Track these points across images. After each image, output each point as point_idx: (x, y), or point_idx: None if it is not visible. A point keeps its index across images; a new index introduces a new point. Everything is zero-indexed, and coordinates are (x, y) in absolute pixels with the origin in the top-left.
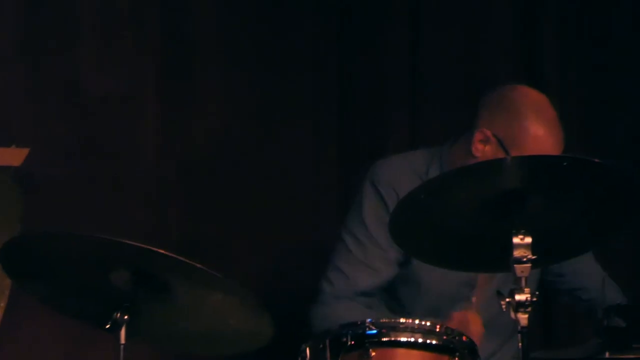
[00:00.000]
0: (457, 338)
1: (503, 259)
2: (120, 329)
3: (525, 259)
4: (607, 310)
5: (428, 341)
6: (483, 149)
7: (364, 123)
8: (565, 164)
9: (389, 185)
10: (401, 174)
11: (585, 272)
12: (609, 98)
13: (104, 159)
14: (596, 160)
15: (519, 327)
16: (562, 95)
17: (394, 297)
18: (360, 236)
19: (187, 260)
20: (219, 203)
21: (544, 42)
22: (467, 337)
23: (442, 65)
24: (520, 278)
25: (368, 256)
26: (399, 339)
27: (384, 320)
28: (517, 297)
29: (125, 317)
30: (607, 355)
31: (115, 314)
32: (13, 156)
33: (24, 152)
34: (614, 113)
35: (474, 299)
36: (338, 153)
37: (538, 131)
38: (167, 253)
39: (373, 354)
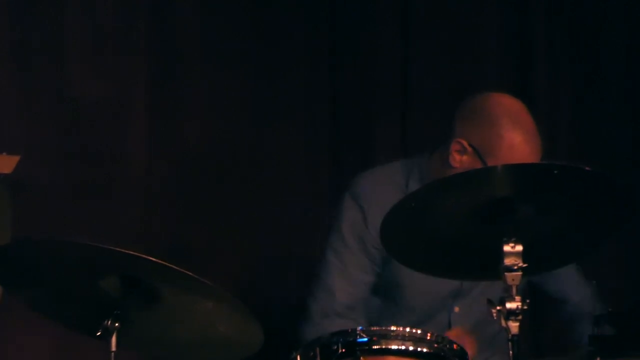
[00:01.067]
0: (447, 346)
1: (494, 267)
2: (111, 337)
3: (516, 267)
4: (597, 317)
5: (419, 349)
6: (460, 159)
7: (355, 129)
8: (555, 172)
9: (367, 198)
10: (380, 186)
11: (568, 280)
12: (598, 108)
13: (94, 166)
14: (586, 168)
15: (510, 336)
16: (552, 103)
17: (375, 310)
18: (339, 248)
19: (177, 268)
20: (210, 208)
21: (534, 51)
22: (458, 345)
23: (432, 72)
24: (510, 286)
25: (347, 270)
26: (389, 346)
27: (375, 328)
28: (508, 305)
29: (116, 324)
30: None
31: (105, 321)
32: (4, 163)
33: (15, 159)
34: (604, 123)
35: (456, 309)
36: (330, 157)
37: (514, 139)
38: (156, 260)
39: None
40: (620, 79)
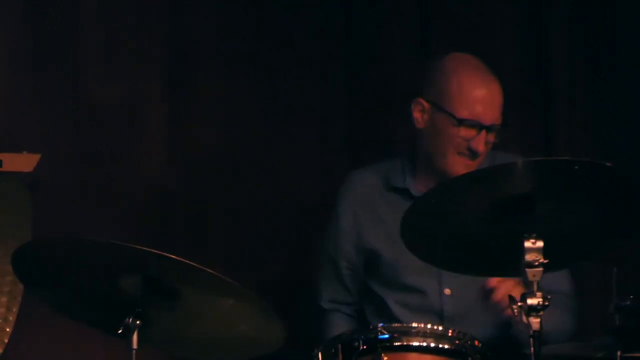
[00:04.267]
0: (469, 343)
1: (515, 263)
2: (132, 335)
3: (537, 263)
4: (618, 308)
5: (440, 346)
6: (422, 118)
7: (372, 126)
8: (576, 167)
9: (352, 198)
10: (362, 186)
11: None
12: (616, 103)
13: (112, 165)
14: (608, 164)
15: (531, 332)
16: (569, 98)
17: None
18: (327, 247)
19: (198, 265)
20: (227, 209)
21: (551, 46)
22: (479, 341)
23: None
24: (531, 282)
25: (336, 269)
26: (411, 343)
27: (396, 324)
28: (529, 301)
29: (137, 322)
30: (618, 354)
31: (126, 319)
32: (24, 162)
33: (35, 157)
34: (622, 119)
35: (447, 291)
36: (347, 156)
37: (462, 77)
38: (177, 258)
39: (385, 358)
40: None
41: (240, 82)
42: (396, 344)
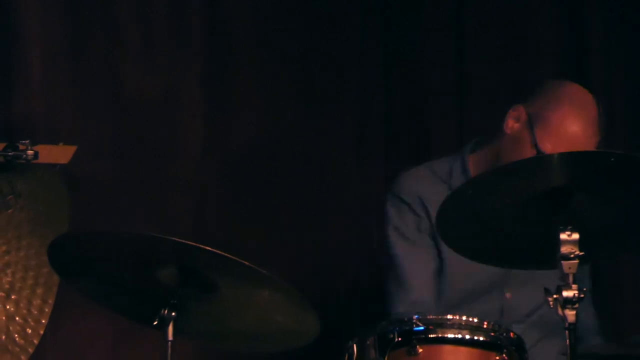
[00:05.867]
0: (504, 335)
1: (550, 256)
2: (167, 326)
3: (572, 255)
4: None
5: (475, 338)
6: (512, 126)
7: (409, 123)
8: (612, 159)
9: (412, 193)
10: (424, 181)
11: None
12: None
13: (149, 157)
14: None
15: (566, 324)
16: (607, 94)
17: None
18: (400, 244)
19: (234, 257)
20: (263, 202)
21: (590, 41)
22: (515, 333)
23: (487, 65)
24: (567, 274)
25: (403, 277)
26: (446, 335)
27: (431, 316)
28: (565, 293)
29: (173, 313)
30: None
31: (162, 310)
32: (61, 154)
33: (72, 149)
34: None
35: (508, 295)
36: (384, 151)
37: (567, 115)
38: (213, 250)
39: (420, 350)
40: None
41: (278, 73)
42: (431, 336)
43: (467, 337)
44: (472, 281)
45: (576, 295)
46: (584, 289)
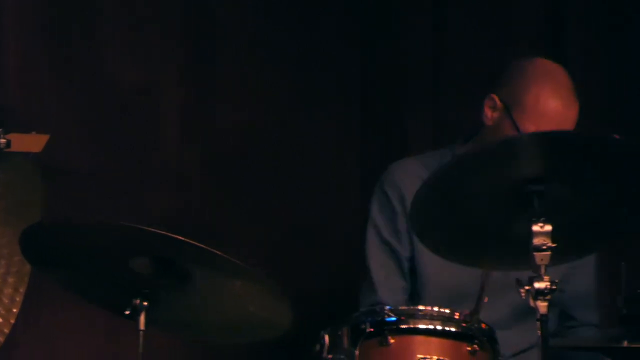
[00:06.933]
0: (475, 325)
1: (523, 255)
2: (139, 316)
3: (545, 247)
4: (626, 298)
5: (447, 328)
6: (492, 116)
7: (386, 116)
8: (583, 142)
9: (394, 185)
10: (409, 173)
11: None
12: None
13: (127, 147)
14: (616, 136)
15: (538, 315)
16: (586, 79)
17: None
18: (376, 241)
19: (207, 248)
20: (242, 191)
21: (570, 27)
22: (486, 324)
23: (463, 59)
24: (539, 266)
25: (387, 264)
26: (417, 326)
27: (403, 307)
28: (537, 285)
29: (145, 303)
30: (625, 344)
31: (134, 300)
32: (33, 142)
33: (44, 138)
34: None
35: (486, 299)
36: (361, 143)
37: (542, 92)
38: (186, 240)
39: (392, 341)
40: None
41: (260, 63)
42: (403, 326)
43: (439, 327)
44: (448, 284)
45: (548, 287)
46: (556, 280)
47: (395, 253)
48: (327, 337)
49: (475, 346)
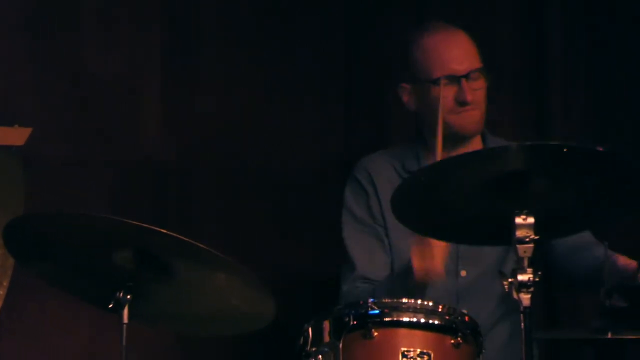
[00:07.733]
0: (459, 318)
1: (504, 232)
2: (122, 309)
3: (528, 239)
4: (609, 290)
5: (430, 321)
6: (410, 100)
7: (369, 106)
8: (565, 150)
9: (364, 171)
10: (378, 163)
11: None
12: (616, 82)
13: (107, 139)
14: (599, 148)
15: (521, 308)
16: (568, 75)
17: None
18: (352, 227)
19: (190, 240)
20: (222, 184)
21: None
22: (470, 317)
23: None
24: (522, 258)
25: (365, 245)
26: (401, 319)
27: (387, 300)
28: (520, 277)
29: (128, 296)
30: (609, 335)
31: (117, 293)
32: (16, 135)
33: (27, 131)
34: (621, 97)
35: (463, 273)
36: (344, 133)
37: (430, 42)
38: (169, 232)
39: (375, 334)
40: (638, 50)
41: (240, 54)
42: (386, 319)
43: (422, 320)
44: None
45: (531, 279)
46: (539, 273)
47: (371, 228)
48: (310, 330)
49: (459, 339)
